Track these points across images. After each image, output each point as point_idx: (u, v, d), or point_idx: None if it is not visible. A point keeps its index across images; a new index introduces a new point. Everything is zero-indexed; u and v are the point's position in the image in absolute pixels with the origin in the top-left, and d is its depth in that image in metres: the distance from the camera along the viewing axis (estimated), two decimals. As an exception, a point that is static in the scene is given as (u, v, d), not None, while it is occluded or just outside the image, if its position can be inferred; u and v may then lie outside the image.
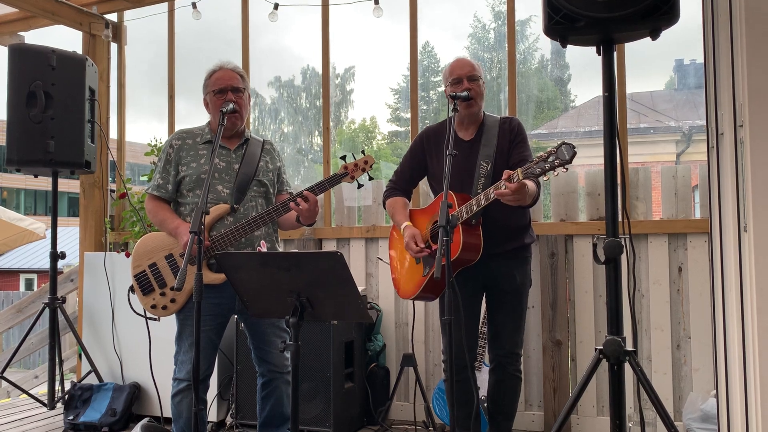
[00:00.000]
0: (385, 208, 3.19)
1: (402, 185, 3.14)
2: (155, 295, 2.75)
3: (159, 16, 4.85)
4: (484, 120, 2.97)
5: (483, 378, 3.34)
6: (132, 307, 2.88)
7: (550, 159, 2.48)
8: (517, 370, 2.95)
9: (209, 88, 2.85)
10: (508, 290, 2.90)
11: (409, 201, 3.16)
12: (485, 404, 3.27)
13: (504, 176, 2.52)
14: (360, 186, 2.79)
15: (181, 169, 2.82)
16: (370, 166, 2.77)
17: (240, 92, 2.83)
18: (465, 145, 2.91)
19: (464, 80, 2.87)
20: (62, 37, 4.90)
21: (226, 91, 2.79)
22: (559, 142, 2.51)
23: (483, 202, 2.68)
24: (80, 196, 4.85)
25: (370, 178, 2.80)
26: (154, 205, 2.86)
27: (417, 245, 2.83)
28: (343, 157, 2.79)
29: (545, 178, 2.54)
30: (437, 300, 3.09)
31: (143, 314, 2.82)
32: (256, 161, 2.87)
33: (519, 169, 2.53)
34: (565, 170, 2.49)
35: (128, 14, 5.03)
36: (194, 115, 5.08)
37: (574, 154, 2.44)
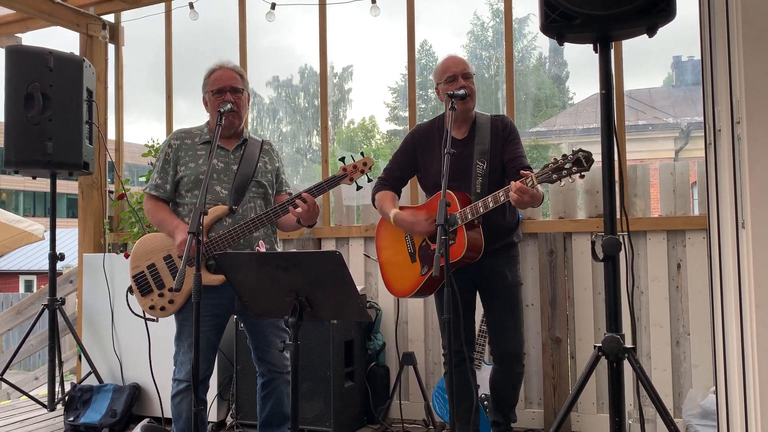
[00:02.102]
0: (374, 204, 3.14)
1: (392, 182, 3.11)
2: (153, 296, 2.74)
3: (157, 16, 4.85)
4: (476, 118, 2.96)
5: (483, 377, 3.34)
6: (131, 308, 2.88)
7: (567, 166, 2.48)
8: (522, 366, 2.99)
9: (208, 87, 2.85)
10: (500, 288, 2.91)
11: (399, 198, 3.14)
12: (485, 402, 3.27)
13: (517, 184, 2.52)
14: (359, 188, 2.79)
15: (180, 169, 2.82)
16: (369, 168, 2.77)
17: (239, 92, 2.82)
18: (459, 144, 2.90)
19: (459, 78, 2.86)
20: (59, 39, 4.90)
21: (225, 90, 2.79)
22: (575, 149, 2.50)
23: (491, 205, 2.68)
24: (79, 198, 4.84)
25: (369, 180, 2.80)
26: (152, 206, 2.86)
27: (424, 221, 2.82)
28: (342, 159, 2.78)
29: (561, 184, 2.54)
30: (436, 299, 3.09)
31: (142, 315, 2.82)
32: (254, 162, 2.86)
33: (533, 175, 2.53)
34: (581, 177, 2.49)
35: (125, 15, 5.03)
36: (195, 115, 5.08)
37: (592, 162, 2.46)
